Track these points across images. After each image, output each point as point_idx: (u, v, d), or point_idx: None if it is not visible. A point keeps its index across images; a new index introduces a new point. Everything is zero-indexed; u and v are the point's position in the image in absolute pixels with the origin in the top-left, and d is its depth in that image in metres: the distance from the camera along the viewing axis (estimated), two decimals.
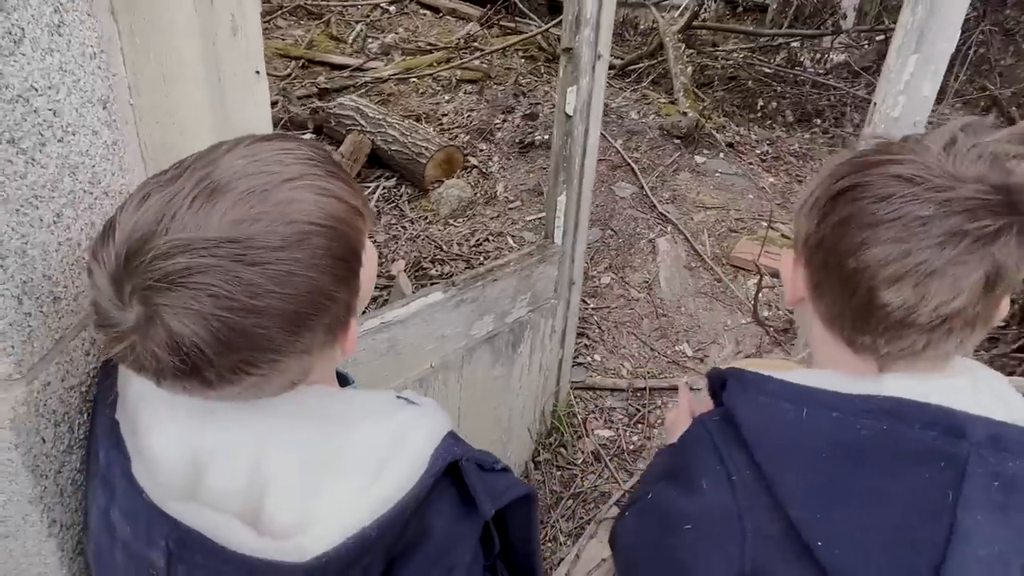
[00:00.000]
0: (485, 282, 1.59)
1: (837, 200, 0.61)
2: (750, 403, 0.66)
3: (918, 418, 0.59)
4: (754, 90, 5.15)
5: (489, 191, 3.34)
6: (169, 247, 0.49)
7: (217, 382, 0.52)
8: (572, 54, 1.60)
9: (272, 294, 0.51)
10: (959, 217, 0.55)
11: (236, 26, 0.88)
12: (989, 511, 0.58)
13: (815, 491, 0.62)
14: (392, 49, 6.07)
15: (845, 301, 0.61)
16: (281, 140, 0.58)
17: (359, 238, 0.59)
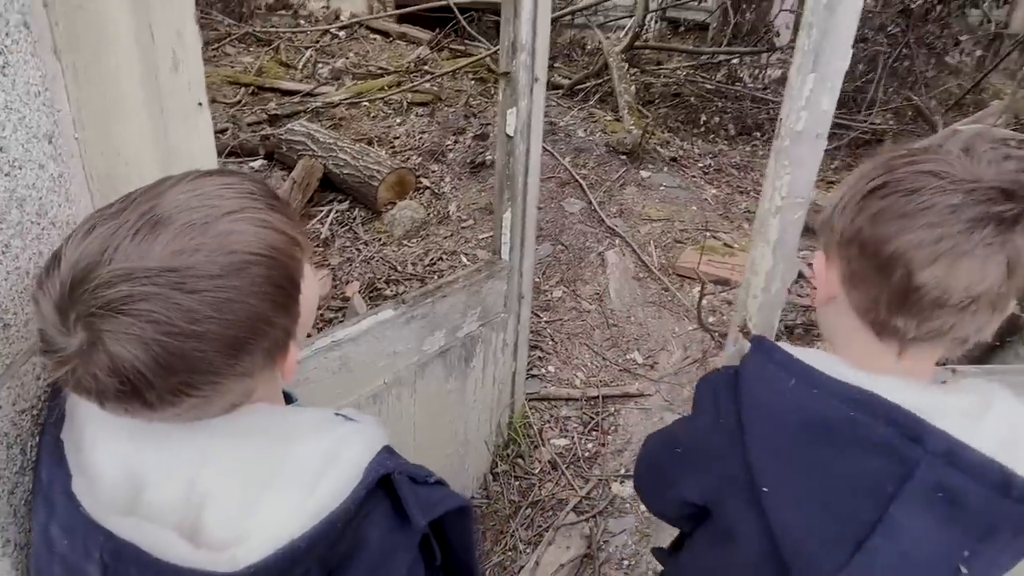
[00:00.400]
0: (435, 299, 1.64)
1: (870, 197, 0.68)
2: (756, 365, 0.76)
3: (885, 415, 0.66)
4: (697, 106, 5.34)
5: (442, 211, 3.40)
6: (112, 276, 0.52)
7: (158, 404, 0.55)
8: (510, 78, 1.67)
9: (211, 320, 0.54)
10: (984, 205, 0.62)
11: (177, 60, 0.92)
12: (925, 515, 0.65)
13: (776, 447, 0.71)
14: (343, 74, 6.11)
15: (882, 287, 0.67)
16: (223, 175, 0.61)
17: (297, 267, 0.62)
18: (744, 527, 0.76)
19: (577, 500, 2.04)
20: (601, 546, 1.92)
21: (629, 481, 2.12)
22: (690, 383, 2.39)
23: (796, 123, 1.10)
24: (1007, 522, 0.64)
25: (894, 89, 5.15)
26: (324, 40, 7.19)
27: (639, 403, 2.32)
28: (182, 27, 0.91)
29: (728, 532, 0.79)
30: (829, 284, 0.75)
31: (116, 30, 0.82)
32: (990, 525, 0.64)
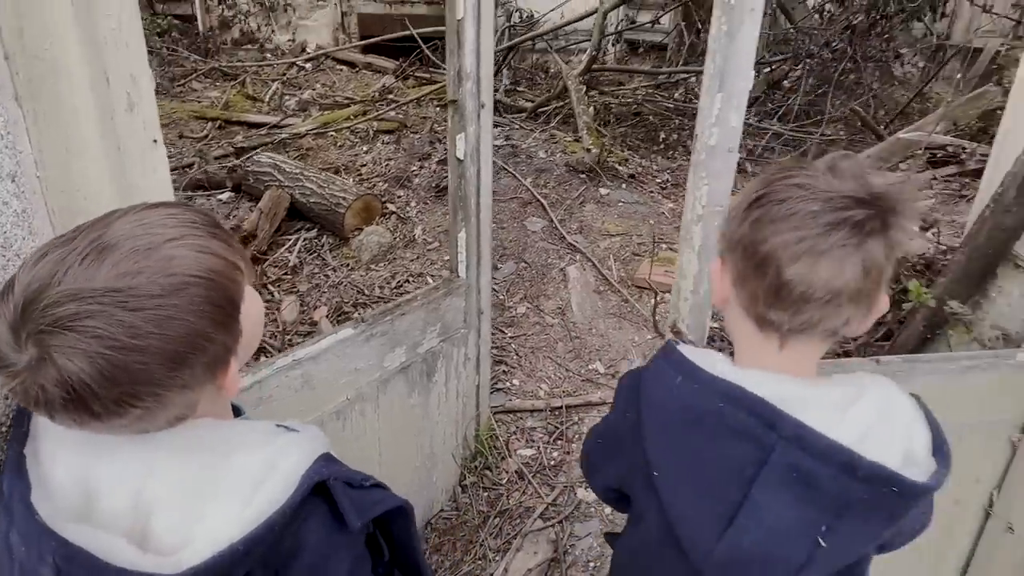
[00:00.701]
0: (394, 316, 1.71)
1: (751, 208, 0.77)
2: (656, 365, 0.85)
3: (746, 405, 0.75)
4: (656, 124, 5.51)
5: (408, 235, 3.48)
6: (60, 296, 0.58)
7: (104, 414, 0.61)
8: (458, 105, 1.77)
9: (152, 335, 0.60)
10: (839, 211, 0.71)
11: (132, 102, 0.99)
12: (784, 494, 0.73)
13: (663, 437, 0.81)
14: (309, 105, 6.20)
15: (759, 284, 0.76)
16: (168, 207, 0.68)
17: (236, 289, 0.68)
18: (648, 509, 0.86)
19: (544, 507, 2.10)
20: (568, 550, 1.98)
21: None
22: None
23: (709, 139, 1.20)
24: (857, 501, 0.72)
25: (842, 102, 5.36)
26: (291, 73, 7.29)
27: (602, 411, 2.40)
28: (135, 71, 0.99)
29: (639, 514, 0.89)
30: (724, 286, 0.84)
31: (72, 77, 0.90)
32: (842, 503, 0.72)
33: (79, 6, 0.88)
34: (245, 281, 0.72)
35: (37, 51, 0.87)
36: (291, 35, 8.43)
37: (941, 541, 1.71)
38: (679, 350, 0.84)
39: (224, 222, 2.66)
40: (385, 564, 0.84)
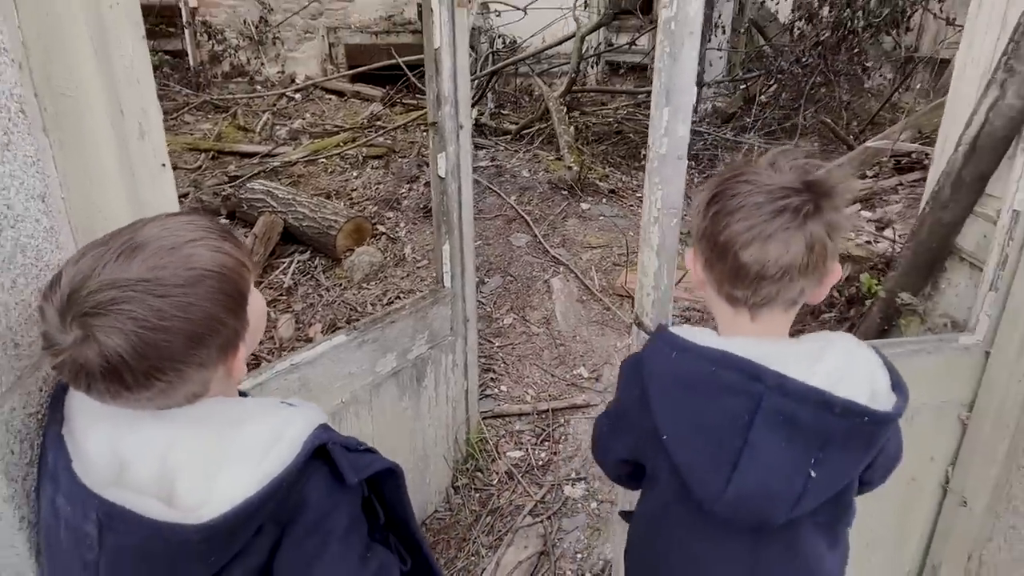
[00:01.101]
0: (384, 324, 1.83)
1: (710, 204, 0.91)
2: (652, 345, 0.99)
3: (734, 365, 0.88)
4: (637, 141, 5.69)
5: (398, 254, 3.60)
6: (100, 285, 0.70)
7: (134, 386, 0.72)
8: (438, 127, 1.91)
9: (176, 318, 0.72)
10: (780, 200, 0.84)
11: (143, 131, 1.12)
12: (775, 435, 0.86)
13: (667, 403, 0.94)
14: (300, 134, 6.37)
15: (722, 267, 0.89)
16: (187, 215, 0.81)
17: (244, 283, 0.81)
18: (661, 470, 0.99)
19: (533, 504, 2.20)
20: (556, 543, 2.09)
21: (580, 483, 2.30)
22: None
23: (660, 148, 1.34)
24: (837, 433, 0.85)
25: (814, 114, 5.56)
26: (281, 103, 7.47)
27: (586, 413, 2.52)
28: (146, 104, 1.12)
29: (653, 477, 1.01)
30: (697, 272, 0.99)
31: (93, 111, 1.03)
32: (824, 438, 0.85)
33: (99, 50, 1.02)
34: (251, 277, 0.85)
35: (63, 88, 1.00)
36: (280, 67, 8.63)
37: (902, 518, 1.83)
38: (671, 330, 0.98)
39: None
40: (380, 528, 0.95)
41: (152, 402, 0.77)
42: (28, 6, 0.94)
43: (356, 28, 8.65)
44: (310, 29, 8.74)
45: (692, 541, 0.98)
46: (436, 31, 1.79)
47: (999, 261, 1.55)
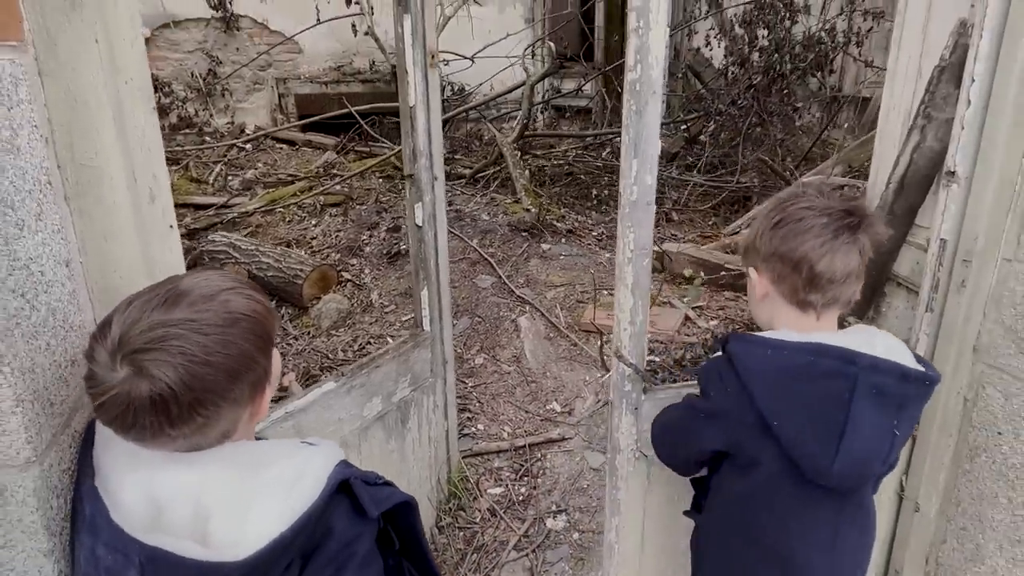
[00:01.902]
0: (369, 369, 1.89)
1: (777, 227, 1.12)
2: (742, 347, 1.14)
3: (829, 353, 1.06)
4: (587, 182, 5.91)
5: (365, 300, 3.65)
6: (151, 324, 0.78)
7: (177, 419, 0.78)
8: (414, 178, 2.01)
9: (218, 353, 0.80)
10: (839, 220, 1.08)
11: (153, 195, 1.19)
12: (871, 406, 1.05)
13: (772, 393, 1.10)
14: (254, 184, 6.37)
15: (798, 278, 1.11)
16: (219, 271, 0.91)
17: (272, 328, 0.90)
18: (765, 454, 1.13)
19: (516, 539, 2.26)
20: (542, 575, 2.14)
21: (561, 516, 2.37)
22: (604, 423, 2.69)
23: (631, 195, 1.47)
24: (909, 398, 1.08)
25: (752, 152, 5.89)
26: (232, 154, 7.47)
27: (562, 446, 2.60)
28: (156, 170, 1.19)
29: (753, 460, 1.15)
30: (763, 286, 1.18)
31: (113, 179, 1.09)
32: (901, 402, 1.07)
33: (118, 122, 1.09)
34: (275, 325, 0.93)
35: (84, 159, 1.06)
36: (230, 118, 8.63)
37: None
38: (749, 334, 1.16)
39: None
40: (395, 554, 1.02)
41: (188, 440, 0.84)
42: (53, 84, 1.01)
43: (306, 78, 8.76)
44: (259, 80, 8.81)
45: (787, 513, 1.14)
46: (411, 90, 1.90)
47: (932, 284, 1.72)
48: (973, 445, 1.76)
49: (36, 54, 0.98)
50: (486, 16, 7.89)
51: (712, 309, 3.33)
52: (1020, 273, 1.57)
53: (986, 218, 1.60)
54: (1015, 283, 1.58)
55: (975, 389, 1.73)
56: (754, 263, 1.19)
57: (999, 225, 1.59)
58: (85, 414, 1.03)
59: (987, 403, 1.70)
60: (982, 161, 1.58)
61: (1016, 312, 1.58)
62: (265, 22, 8.33)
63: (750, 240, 1.20)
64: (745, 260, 1.23)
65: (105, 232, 1.11)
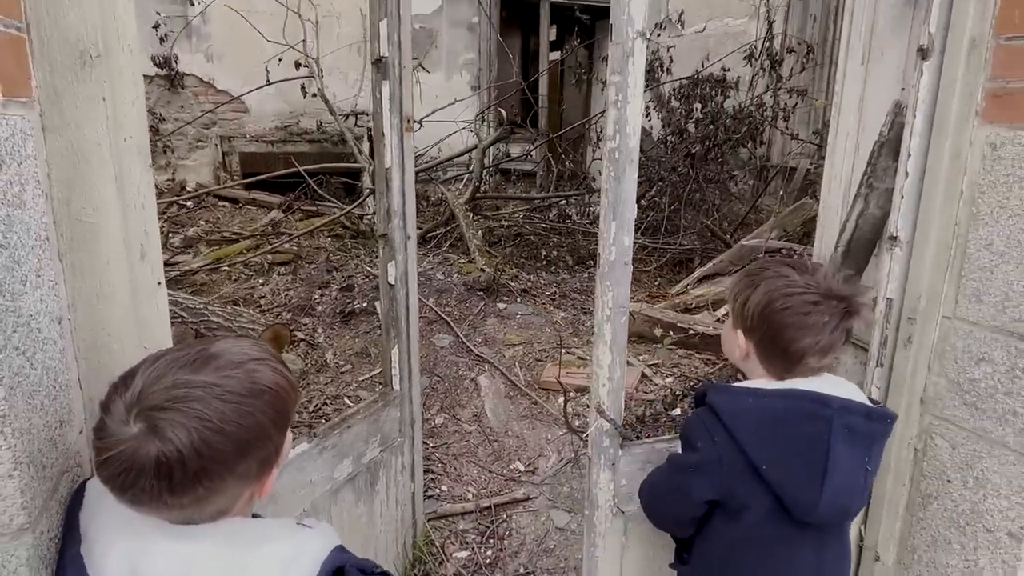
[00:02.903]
0: (342, 429, 1.86)
1: (780, 314, 1.18)
2: (724, 397, 1.21)
3: (805, 397, 1.15)
4: (537, 242, 6.04)
5: (319, 360, 3.59)
6: (174, 382, 0.78)
7: (178, 486, 0.77)
8: (388, 238, 2.04)
9: (234, 423, 0.80)
10: (839, 314, 1.17)
11: (144, 252, 1.18)
12: (846, 445, 1.13)
13: (759, 439, 1.16)
14: (196, 242, 6.23)
15: (788, 364, 1.20)
16: (252, 340, 0.91)
17: (292, 407, 0.90)
18: (754, 498, 1.18)
19: None
20: None
21: None
22: (568, 482, 2.70)
23: (610, 255, 1.54)
24: (876, 435, 1.17)
25: (693, 216, 6.18)
26: (172, 211, 7.30)
27: (527, 506, 2.58)
28: (147, 226, 1.18)
29: (743, 505, 1.19)
30: (746, 347, 1.26)
31: (109, 236, 1.08)
32: (870, 439, 1.16)
33: (119, 179, 1.08)
34: (296, 401, 0.93)
35: (81, 215, 1.05)
36: (170, 175, 8.47)
37: None
38: (728, 384, 1.24)
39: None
40: None
41: (183, 512, 0.81)
42: (55, 140, 1.01)
43: (251, 137, 8.72)
44: (202, 138, 8.71)
45: (775, 552, 1.19)
46: (387, 152, 1.95)
47: (881, 341, 1.84)
48: (925, 493, 1.85)
49: (41, 110, 0.98)
50: (434, 82, 8.11)
51: (667, 366, 3.42)
52: (959, 330, 1.71)
53: (926, 279, 1.74)
54: (955, 339, 1.72)
55: (924, 439, 1.84)
56: (740, 328, 1.26)
57: (938, 285, 1.73)
58: (71, 477, 0.99)
59: (936, 453, 1.81)
60: (920, 227, 1.73)
61: (958, 366, 1.71)
62: (211, 81, 8.32)
63: (738, 307, 1.27)
64: (730, 315, 1.31)
65: (97, 289, 1.09)
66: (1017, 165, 1.53)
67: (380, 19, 1.83)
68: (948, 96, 1.61)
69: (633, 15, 1.38)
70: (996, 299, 1.61)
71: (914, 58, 1.68)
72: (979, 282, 1.64)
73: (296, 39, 6.69)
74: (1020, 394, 1.57)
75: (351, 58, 7.92)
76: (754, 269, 1.28)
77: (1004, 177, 1.56)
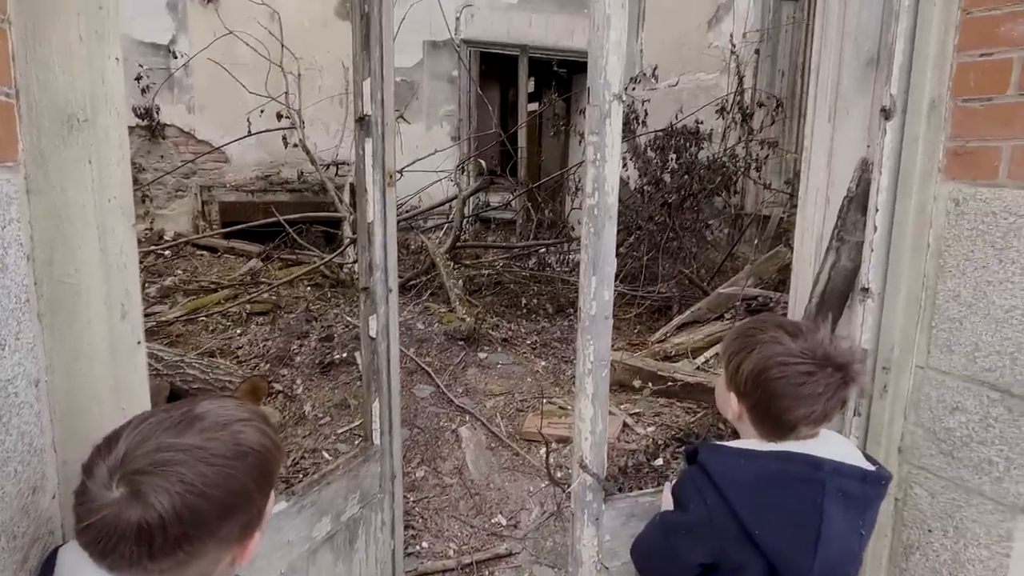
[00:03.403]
0: (321, 486, 1.82)
1: (774, 383, 1.14)
2: (716, 458, 1.19)
3: (798, 459, 1.13)
4: (517, 291, 6.07)
5: (297, 412, 3.53)
6: (158, 446, 0.77)
7: (159, 552, 0.75)
8: (369, 291, 2.04)
9: (218, 487, 0.79)
10: (836, 384, 1.13)
11: (125, 311, 1.17)
12: (839, 509, 1.11)
13: (751, 502, 1.14)
14: (173, 292, 6.17)
15: (779, 428, 1.17)
16: (237, 400, 0.91)
17: (276, 469, 0.90)
18: (749, 561, 1.15)
19: None
20: None
21: None
22: (551, 536, 2.66)
23: (591, 309, 1.56)
24: (871, 497, 1.15)
25: (671, 264, 6.27)
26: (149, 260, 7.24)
27: (509, 562, 2.53)
28: (129, 285, 1.18)
29: (738, 567, 1.16)
30: (739, 409, 1.23)
31: (91, 296, 1.08)
32: (864, 502, 1.14)
33: (102, 240, 1.08)
34: (281, 462, 0.92)
35: (63, 276, 1.05)
36: (148, 224, 8.43)
37: None
38: (719, 444, 1.22)
39: None
40: None
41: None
42: (40, 203, 1.01)
43: (231, 187, 8.74)
44: (182, 187, 8.71)
45: None
46: (370, 207, 1.98)
47: (858, 391, 1.87)
48: (907, 544, 1.86)
49: (27, 173, 0.99)
50: (415, 133, 8.24)
51: (648, 416, 3.42)
52: (933, 379, 1.74)
53: (899, 330, 1.78)
54: (929, 388, 1.75)
55: (904, 489, 1.85)
56: (733, 391, 1.23)
57: (911, 336, 1.77)
58: (42, 545, 0.96)
59: (916, 502, 1.82)
60: (891, 279, 1.78)
61: (933, 415, 1.74)
62: (192, 131, 8.37)
63: (731, 368, 1.24)
64: (724, 374, 1.27)
65: (77, 350, 1.08)
66: (979, 220, 1.60)
67: (364, 79, 1.87)
68: (911, 154, 1.68)
69: (610, 79, 1.43)
70: (966, 349, 1.65)
71: (878, 117, 1.76)
72: (949, 332, 1.69)
73: (279, 91, 6.79)
74: (994, 443, 1.59)
75: (333, 109, 8.04)
76: (749, 330, 1.24)
77: (968, 231, 1.62)
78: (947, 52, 1.63)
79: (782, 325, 1.21)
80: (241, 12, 7.51)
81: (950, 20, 1.62)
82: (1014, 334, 1.54)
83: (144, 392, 1.21)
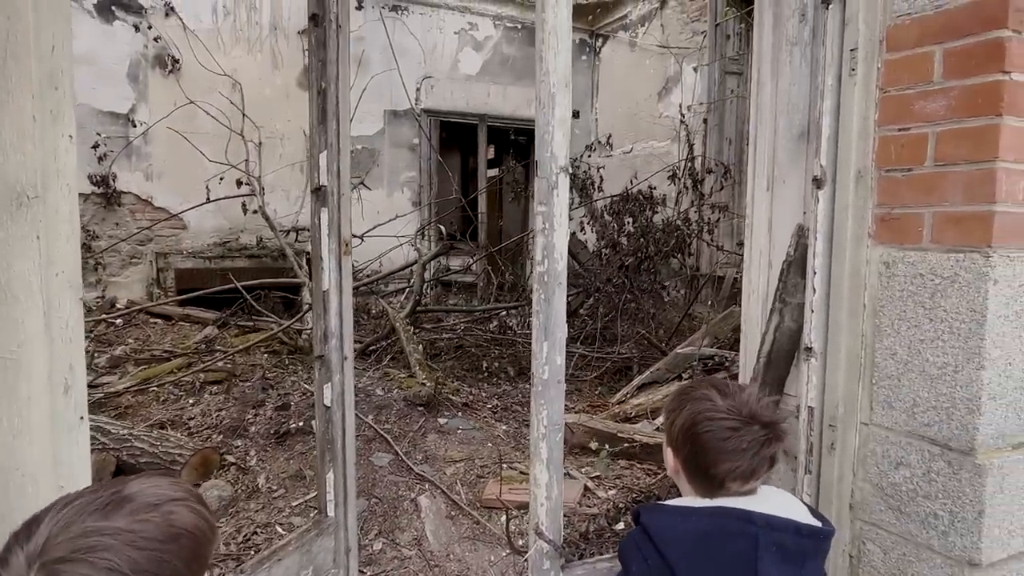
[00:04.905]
0: (271, 563, 1.76)
1: (701, 437, 1.18)
2: (655, 517, 1.21)
3: (732, 514, 1.15)
4: (477, 354, 6.05)
5: (250, 485, 3.42)
6: (84, 531, 0.73)
7: None
8: (324, 359, 2.03)
9: (148, 573, 0.76)
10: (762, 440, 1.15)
11: (68, 386, 1.15)
12: (775, 563, 1.12)
13: (689, 560, 1.15)
14: (124, 361, 5.98)
15: (709, 483, 1.19)
16: (170, 479, 0.88)
17: (210, 551, 0.87)
18: None
19: None
20: None
21: None
22: None
23: (543, 374, 1.58)
24: (808, 552, 1.16)
25: (629, 325, 6.36)
26: (99, 329, 7.03)
27: None
28: (74, 361, 1.16)
29: None
30: (676, 464, 1.26)
31: (32, 372, 1.06)
32: (801, 556, 1.15)
33: (47, 315, 1.08)
34: (215, 544, 0.90)
35: (3, 352, 1.03)
36: (100, 292, 8.23)
37: None
38: (657, 504, 1.26)
39: None
40: None
41: None
42: None
43: (188, 253, 8.64)
44: (136, 254, 8.57)
45: None
46: (325, 276, 1.99)
47: (807, 448, 1.91)
48: None
49: None
50: (376, 199, 8.33)
51: (610, 478, 3.41)
52: (877, 435, 1.80)
53: (842, 387, 1.84)
54: (875, 444, 1.80)
55: (857, 545, 1.88)
56: (669, 446, 1.28)
57: (854, 393, 1.83)
58: None
59: (869, 558, 1.84)
60: (832, 339, 1.86)
61: (880, 471, 1.78)
62: (150, 199, 8.30)
63: (668, 424, 1.29)
64: (664, 433, 1.34)
65: (14, 428, 1.05)
66: (909, 281, 1.69)
67: (320, 151, 1.92)
68: (843, 220, 1.79)
69: (556, 152, 1.50)
70: (906, 405, 1.72)
71: (811, 186, 1.87)
72: (889, 389, 1.75)
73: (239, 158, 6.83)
74: (938, 497, 1.64)
75: (294, 176, 8.11)
76: (685, 389, 1.31)
77: (899, 292, 1.71)
78: (869, 127, 1.76)
79: (715, 385, 1.26)
80: (203, 82, 7.61)
81: (870, 98, 1.76)
82: (948, 389, 1.61)
83: (85, 470, 1.18)
